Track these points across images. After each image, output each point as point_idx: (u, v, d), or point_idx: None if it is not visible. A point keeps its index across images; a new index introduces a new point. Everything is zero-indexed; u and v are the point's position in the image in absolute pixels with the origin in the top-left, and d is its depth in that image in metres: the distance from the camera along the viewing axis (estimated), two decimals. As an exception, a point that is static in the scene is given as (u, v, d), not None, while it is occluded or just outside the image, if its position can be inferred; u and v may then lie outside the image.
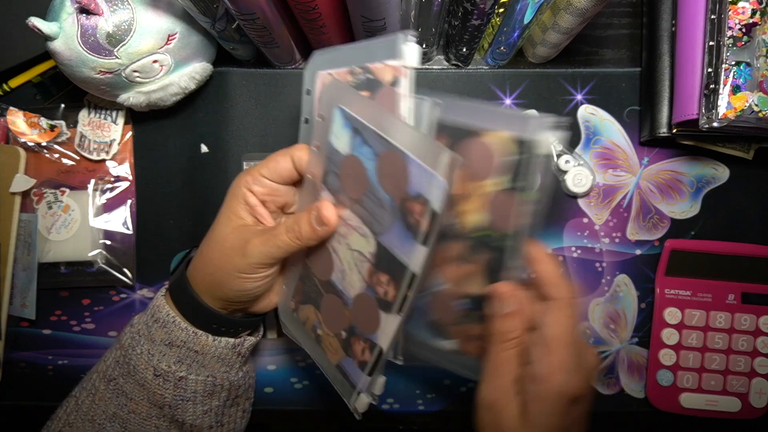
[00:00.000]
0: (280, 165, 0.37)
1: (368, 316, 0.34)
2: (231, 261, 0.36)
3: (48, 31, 0.39)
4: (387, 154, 0.32)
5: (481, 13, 0.40)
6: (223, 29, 0.43)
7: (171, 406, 0.38)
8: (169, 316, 0.38)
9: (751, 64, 0.40)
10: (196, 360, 0.39)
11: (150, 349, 0.38)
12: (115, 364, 0.39)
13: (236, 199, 0.37)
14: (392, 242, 0.32)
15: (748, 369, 0.48)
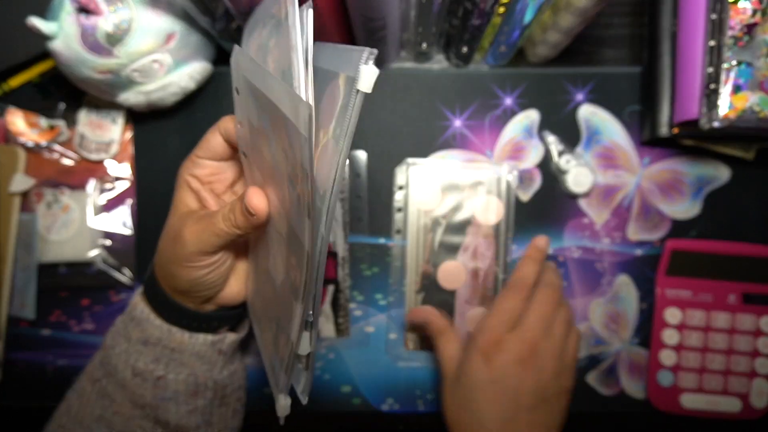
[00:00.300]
0: (211, 142, 0.36)
1: (286, 306, 0.30)
2: (174, 250, 0.35)
3: (48, 30, 0.39)
4: (275, 118, 0.26)
5: (481, 13, 0.40)
6: (223, 29, 0.43)
7: (152, 406, 0.38)
8: (143, 314, 0.38)
9: (752, 64, 0.40)
10: (173, 358, 0.38)
11: (127, 348, 0.38)
12: (99, 365, 0.39)
13: (180, 186, 0.37)
14: (293, 219, 0.28)
15: (748, 369, 0.48)
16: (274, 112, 0.26)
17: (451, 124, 0.50)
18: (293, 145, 0.25)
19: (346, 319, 0.50)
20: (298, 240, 0.27)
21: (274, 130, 0.27)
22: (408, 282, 0.49)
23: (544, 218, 0.50)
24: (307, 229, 0.26)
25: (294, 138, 0.24)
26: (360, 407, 0.50)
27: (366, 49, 0.24)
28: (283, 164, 0.27)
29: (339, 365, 0.50)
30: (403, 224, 0.49)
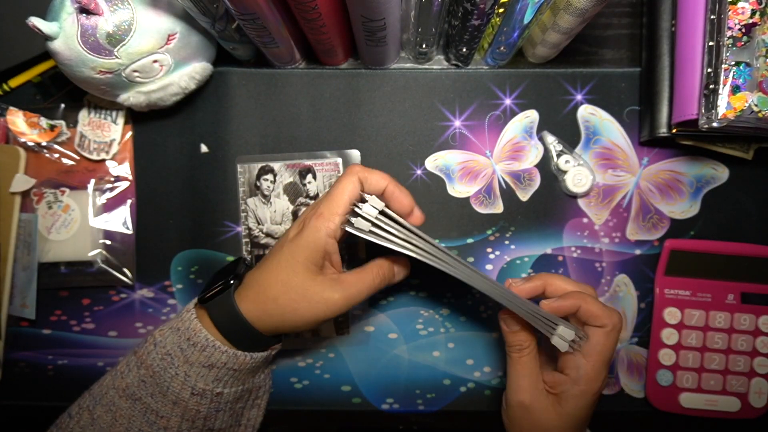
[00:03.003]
0: (351, 193, 0.38)
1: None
2: (317, 311, 0.38)
3: (48, 30, 0.39)
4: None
5: (481, 13, 0.40)
6: (223, 29, 0.43)
7: (206, 417, 0.39)
8: (209, 341, 0.38)
9: (751, 65, 0.40)
10: (234, 376, 0.39)
11: (187, 371, 0.38)
12: (140, 384, 0.39)
13: (317, 250, 0.38)
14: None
15: (747, 369, 0.48)
16: None
17: (451, 125, 0.50)
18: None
19: (346, 318, 0.50)
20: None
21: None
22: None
23: (544, 218, 0.50)
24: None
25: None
26: (360, 407, 0.50)
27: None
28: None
29: (339, 365, 0.50)
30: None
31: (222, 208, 0.50)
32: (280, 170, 0.50)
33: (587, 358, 0.38)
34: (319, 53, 0.48)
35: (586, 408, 0.38)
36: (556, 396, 0.39)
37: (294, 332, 0.41)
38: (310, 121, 0.50)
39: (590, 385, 0.37)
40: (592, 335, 0.38)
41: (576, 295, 0.38)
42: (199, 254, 0.50)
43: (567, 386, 0.38)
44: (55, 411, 0.41)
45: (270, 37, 0.42)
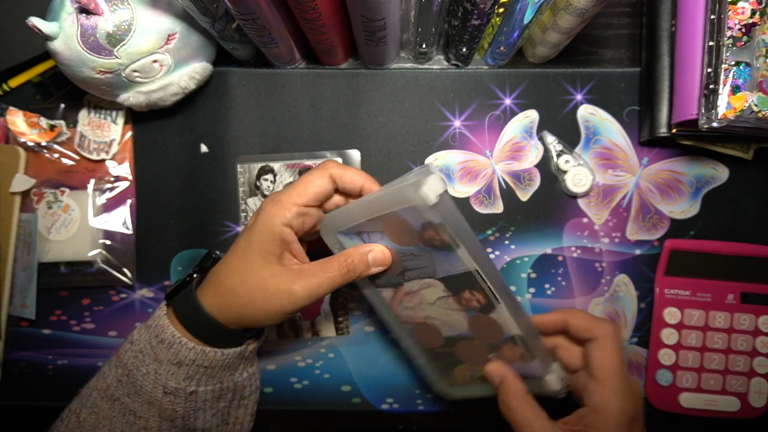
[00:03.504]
0: (318, 188, 0.36)
1: (489, 327, 0.39)
2: (277, 304, 0.36)
3: (48, 30, 0.39)
4: (387, 222, 0.36)
5: (480, 13, 0.40)
6: (223, 29, 0.43)
7: (184, 417, 0.38)
8: (175, 337, 0.37)
9: (751, 64, 0.40)
10: (206, 374, 0.38)
11: (157, 369, 0.37)
12: (117, 383, 0.38)
13: (272, 238, 0.36)
14: (446, 270, 0.37)
15: (747, 369, 0.48)
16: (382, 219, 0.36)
17: (451, 125, 0.50)
18: (412, 222, 0.35)
19: (346, 318, 0.50)
20: (460, 276, 0.37)
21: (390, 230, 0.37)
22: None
23: (544, 218, 0.50)
24: (465, 255, 0.35)
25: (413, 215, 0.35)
26: (360, 407, 0.50)
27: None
28: (407, 245, 0.37)
29: (339, 365, 0.50)
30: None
31: (222, 208, 0.50)
32: (280, 170, 0.50)
33: (596, 380, 0.35)
34: (319, 53, 0.48)
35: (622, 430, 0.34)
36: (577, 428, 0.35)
37: (259, 326, 0.38)
38: (310, 121, 0.50)
39: (610, 406, 0.34)
40: (591, 354, 0.36)
41: (563, 311, 0.38)
42: (199, 254, 0.50)
43: (589, 417, 0.34)
44: (55, 411, 0.41)
45: (270, 37, 0.42)
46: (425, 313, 0.40)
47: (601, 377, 0.35)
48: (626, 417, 0.34)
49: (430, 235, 0.35)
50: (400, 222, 0.35)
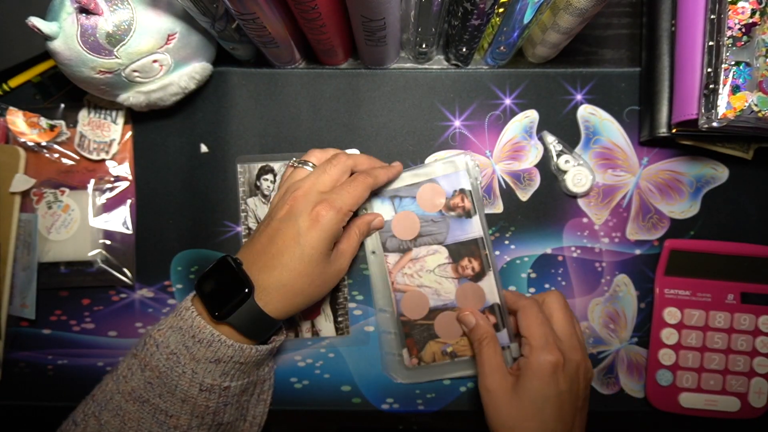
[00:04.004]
0: (363, 199, 0.42)
1: (474, 295, 0.46)
2: (332, 285, 0.43)
3: (48, 30, 0.39)
4: (423, 188, 0.47)
5: (480, 13, 0.40)
6: (223, 29, 0.43)
7: (215, 412, 0.39)
8: (215, 336, 0.38)
9: (751, 64, 0.40)
10: (240, 369, 0.40)
11: (194, 368, 0.38)
12: (146, 386, 0.39)
13: (332, 240, 0.41)
14: (456, 236, 0.46)
15: (747, 369, 0.48)
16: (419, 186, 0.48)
17: (451, 125, 0.50)
18: (446, 189, 0.47)
19: (346, 318, 0.50)
20: (466, 242, 0.46)
21: (423, 196, 0.47)
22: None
23: (543, 218, 0.50)
24: (477, 222, 0.46)
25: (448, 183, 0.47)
26: (360, 406, 0.50)
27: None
28: (432, 211, 0.47)
29: (339, 365, 0.50)
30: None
31: (222, 208, 0.50)
32: (280, 170, 0.50)
33: (524, 338, 0.42)
34: (319, 53, 0.48)
35: (538, 381, 0.40)
36: (516, 377, 0.42)
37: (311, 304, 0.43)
38: (310, 121, 0.50)
39: (530, 356, 0.41)
40: (519, 321, 0.43)
41: (515, 294, 0.46)
42: (199, 254, 0.50)
43: (522, 363, 0.42)
44: (55, 411, 0.41)
45: (270, 37, 0.42)
46: (421, 280, 0.47)
47: (525, 333, 0.42)
48: (546, 363, 0.40)
49: (456, 202, 0.46)
50: (435, 189, 0.47)
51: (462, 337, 0.47)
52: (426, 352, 0.47)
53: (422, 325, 0.47)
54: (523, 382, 0.40)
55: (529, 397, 0.40)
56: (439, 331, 0.47)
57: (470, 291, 0.46)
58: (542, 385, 0.40)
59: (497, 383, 0.41)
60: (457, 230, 0.46)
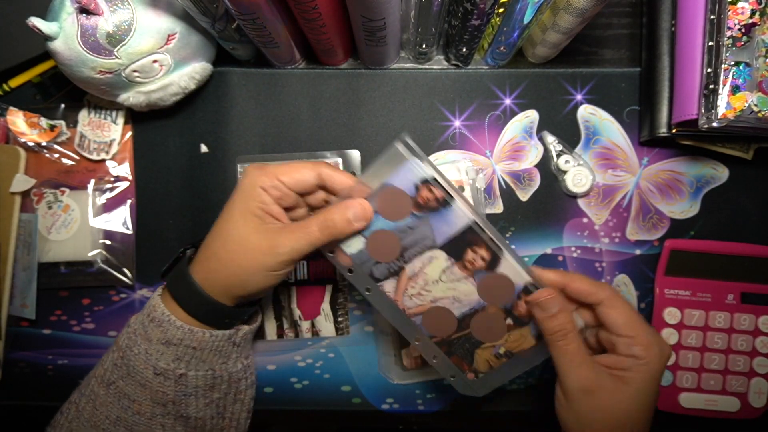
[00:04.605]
0: (304, 177, 0.38)
1: (499, 286, 0.39)
2: (259, 261, 0.36)
3: (48, 31, 0.39)
4: (381, 198, 0.38)
5: (480, 13, 0.40)
6: (222, 29, 0.43)
7: (174, 402, 0.39)
8: (165, 315, 0.38)
9: (751, 65, 0.40)
10: (195, 356, 0.39)
11: (147, 349, 0.38)
12: (113, 368, 0.39)
13: (252, 199, 0.37)
14: (445, 233, 0.39)
15: (747, 369, 0.48)
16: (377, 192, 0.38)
17: (451, 125, 0.50)
18: (406, 186, 0.38)
19: (346, 318, 0.50)
20: (459, 235, 0.38)
21: (383, 205, 0.38)
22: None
23: (544, 218, 0.50)
24: (460, 207, 0.38)
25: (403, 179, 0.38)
26: (360, 407, 0.50)
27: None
28: (403, 219, 0.39)
29: (339, 365, 0.50)
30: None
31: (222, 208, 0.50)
32: (280, 170, 0.50)
33: (625, 336, 0.36)
34: (319, 53, 0.48)
35: (655, 382, 0.36)
36: (619, 377, 0.36)
37: (246, 293, 0.38)
38: (310, 121, 0.50)
39: (652, 352, 0.35)
40: (606, 315, 0.37)
41: (563, 273, 0.38)
42: (199, 254, 0.50)
43: (629, 362, 0.36)
44: (54, 411, 0.41)
45: (270, 37, 0.42)
46: (432, 295, 0.40)
47: (628, 332, 0.36)
48: (664, 361, 0.36)
49: (425, 197, 0.38)
50: (393, 193, 0.38)
51: (510, 332, 0.40)
52: (479, 362, 0.41)
53: (459, 338, 0.41)
54: (634, 379, 0.35)
55: (644, 396, 0.35)
56: (480, 336, 0.40)
57: (493, 283, 0.39)
58: (656, 383, 0.36)
59: (597, 382, 0.35)
60: (442, 226, 0.38)
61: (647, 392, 0.36)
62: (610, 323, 0.36)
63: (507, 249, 0.38)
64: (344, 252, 0.39)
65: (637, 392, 0.35)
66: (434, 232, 0.38)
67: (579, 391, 0.36)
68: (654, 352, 0.36)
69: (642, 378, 0.35)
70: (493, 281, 0.39)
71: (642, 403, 0.36)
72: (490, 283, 0.39)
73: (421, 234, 0.39)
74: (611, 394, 0.35)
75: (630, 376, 0.35)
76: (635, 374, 0.35)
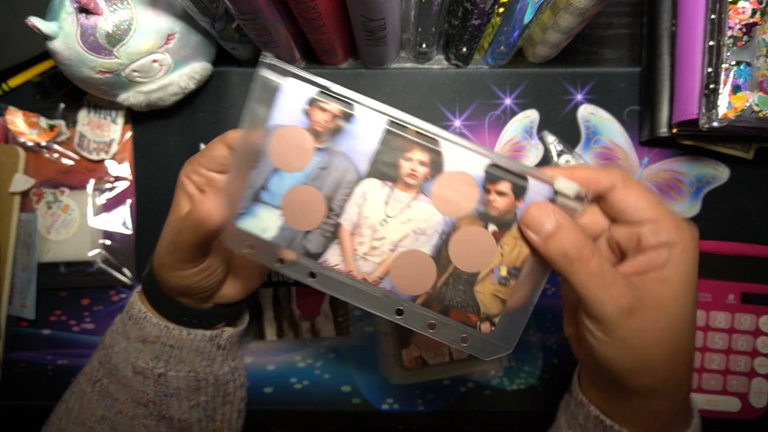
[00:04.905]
0: (216, 152, 0.34)
1: (456, 185, 0.29)
2: (165, 256, 0.35)
3: (47, 30, 0.39)
4: (274, 147, 0.30)
5: (481, 13, 0.40)
6: (222, 29, 0.43)
7: (155, 402, 0.38)
8: (141, 312, 0.37)
9: (752, 64, 0.40)
10: (173, 355, 0.38)
11: (126, 347, 0.38)
12: (98, 366, 0.39)
13: (178, 188, 0.35)
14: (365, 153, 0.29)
15: (748, 369, 0.48)
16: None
17: (451, 124, 0.50)
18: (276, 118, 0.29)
19: (346, 318, 0.50)
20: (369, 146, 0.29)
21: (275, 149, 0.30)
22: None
23: (544, 218, 0.50)
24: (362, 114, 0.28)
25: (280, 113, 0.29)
26: (360, 407, 0.50)
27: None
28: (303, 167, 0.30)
29: (339, 365, 0.50)
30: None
31: (222, 208, 0.50)
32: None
33: (647, 221, 0.28)
34: (319, 53, 0.48)
35: (695, 275, 0.28)
36: (658, 279, 0.28)
37: (189, 293, 0.36)
38: (310, 121, 0.50)
39: (682, 232, 0.28)
40: (622, 201, 0.29)
41: (560, 169, 0.30)
42: (198, 254, 0.50)
43: (663, 255, 0.28)
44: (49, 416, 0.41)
45: (270, 37, 0.42)
46: (388, 241, 0.30)
47: (652, 215, 0.28)
48: (697, 240, 0.29)
49: (321, 120, 0.29)
50: (283, 134, 0.29)
51: (500, 242, 0.29)
52: (486, 303, 0.30)
53: (446, 282, 0.30)
54: (674, 276, 0.28)
55: (690, 293, 0.28)
56: (469, 266, 0.30)
57: (449, 184, 0.29)
58: (696, 273, 0.28)
59: (638, 296, 0.27)
60: (358, 145, 0.29)
61: (691, 286, 0.28)
62: (630, 209, 0.29)
63: (445, 135, 0.29)
64: (263, 239, 0.30)
65: (682, 291, 0.28)
66: (352, 158, 0.29)
67: (619, 315, 0.27)
68: (685, 232, 0.28)
69: (684, 271, 0.28)
70: (448, 183, 0.29)
71: (690, 302, 0.28)
72: (444, 186, 0.29)
73: (338, 170, 0.29)
74: (657, 304, 0.28)
75: (669, 274, 0.28)
76: (674, 268, 0.28)
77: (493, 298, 0.30)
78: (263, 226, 0.30)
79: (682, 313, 0.28)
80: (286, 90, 0.28)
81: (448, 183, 0.29)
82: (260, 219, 0.30)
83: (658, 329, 0.28)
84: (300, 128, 0.29)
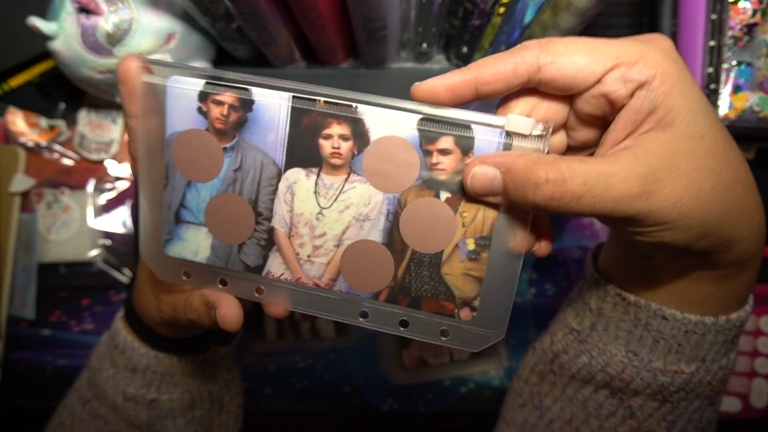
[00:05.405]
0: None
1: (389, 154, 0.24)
2: (154, 308, 0.32)
3: (48, 30, 0.39)
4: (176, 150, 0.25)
5: (481, 13, 0.40)
6: (223, 29, 0.43)
7: (149, 424, 0.36)
8: (127, 342, 0.34)
9: (752, 64, 0.40)
10: (165, 381, 0.35)
11: (115, 374, 0.35)
12: (87, 385, 0.37)
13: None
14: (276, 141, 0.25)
15: (748, 369, 0.48)
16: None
17: (451, 124, 0.50)
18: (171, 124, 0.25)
19: (346, 319, 0.50)
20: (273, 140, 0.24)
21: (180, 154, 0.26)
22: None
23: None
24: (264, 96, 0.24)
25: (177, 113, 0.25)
26: (360, 407, 0.50)
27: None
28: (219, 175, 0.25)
29: (339, 365, 0.50)
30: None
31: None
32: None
33: (605, 69, 0.22)
34: (320, 53, 0.48)
35: (691, 93, 0.22)
36: (660, 128, 0.22)
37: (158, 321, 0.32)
38: (310, 121, 0.50)
39: (646, 62, 0.21)
40: (562, 69, 0.22)
41: (458, 72, 0.24)
42: (199, 254, 0.50)
43: (645, 99, 0.21)
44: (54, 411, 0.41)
45: (270, 37, 0.42)
46: (330, 237, 0.25)
47: (602, 68, 0.22)
48: (675, 55, 0.23)
49: (219, 115, 0.24)
50: (184, 142, 0.25)
51: (457, 210, 0.24)
52: (458, 285, 0.25)
53: (407, 270, 0.25)
54: (669, 115, 0.21)
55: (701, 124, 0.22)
56: (429, 246, 0.25)
57: (381, 155, 0.24)
58: (689, 93, 0.22)
59: (644, 170, 0.21)
60: (267, 134, 0.24)
61: (696, 110, 0.22)
62: (573, 76, 0.22)
63: (360, 97, 0.25)
64: (197, 262, 0.26)
65: (691, 121, 0.22)
66: (265, 150, 0.25)
67: (645, 202, 0.21)
68: (651, 53, 0.22)
69: (678, 98, 0.21)
70: (379, 154, 0.24)
71: (708, 126, 0.22)
72: (376, 161, 0.24)
73: (254, 167, 0.25)
74: (671, 155, 0.21)
75: (662, 114, 0.21)
76: (665, 104, 0.21)
77: (465, 279, 0.25)
78: (193, 249, 0.26)
79: (707, 145, 0.22)
80: (173, 91, 0.24)
81: (380, 153, 0.24)
82: (188, 242, 0.26)
83: (691, 182, 0.22)
84: (200, 130, 0.24)
